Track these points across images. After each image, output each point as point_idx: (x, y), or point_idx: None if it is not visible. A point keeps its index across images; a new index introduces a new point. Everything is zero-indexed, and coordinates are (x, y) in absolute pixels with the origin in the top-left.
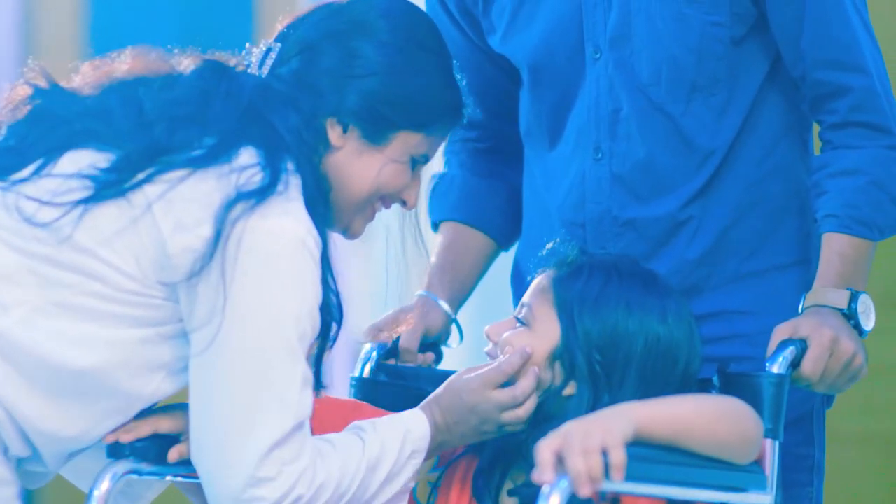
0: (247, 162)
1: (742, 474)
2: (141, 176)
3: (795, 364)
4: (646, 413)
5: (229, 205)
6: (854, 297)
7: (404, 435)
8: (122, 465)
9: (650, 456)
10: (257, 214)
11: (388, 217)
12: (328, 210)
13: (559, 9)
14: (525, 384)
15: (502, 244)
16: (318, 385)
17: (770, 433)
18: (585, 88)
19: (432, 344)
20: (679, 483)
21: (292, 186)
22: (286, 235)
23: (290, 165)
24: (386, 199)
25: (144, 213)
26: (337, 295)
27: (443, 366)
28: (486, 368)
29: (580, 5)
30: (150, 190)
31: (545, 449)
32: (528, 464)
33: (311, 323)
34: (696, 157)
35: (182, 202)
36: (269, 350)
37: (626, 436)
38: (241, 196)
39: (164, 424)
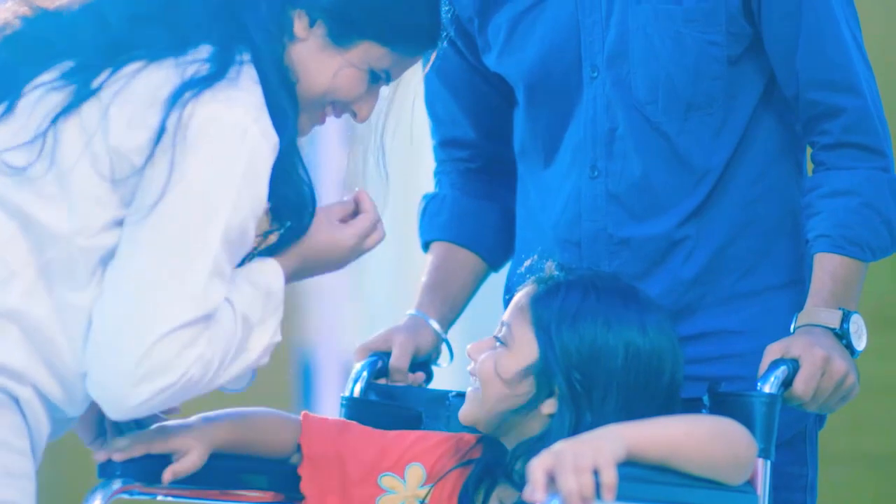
0: (201, 55)
1: (734, 494)
2: (103, 76)
3: (787, 384)
4: (637, 433)
5: (176, 94)
6: (846, 317)
7: (259, 279)
8: (114, 484)
9: (642, 476)
10: (202, 100)
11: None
12: (295, 100)
13: (556, 27)
14: (367, 206)
15: (493, 264)
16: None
17: (762, 453)
18: (582, 107)
19: (423, 363)
20: (670, 503)
21: (245, 76)
22: (228, 122)
23: (245, 56)
24: (337, 106)
25: (99, 124)
26: (309, 185)
27: (433, 385)
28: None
29: (578, 24)
30: (105, 93)
31: (537, 468)
32: (514, 482)
33: (249, 213)
34: (691, 176)
35: (133, 100)
36: (193, 232)
37: (618, 456)
38: (187, 85)
39: (156, 446)
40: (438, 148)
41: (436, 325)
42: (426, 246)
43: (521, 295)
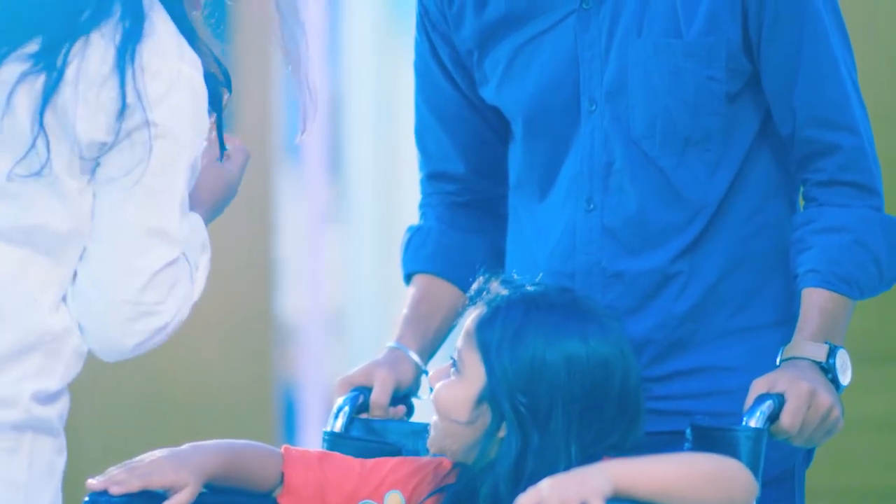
0: (115, 16)
1: None
2: (62, 55)
3: (773, 418)
4: (626, 471)
5: (119, 66)
6: (832, 352)
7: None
8: None
9: None
10: (140, 63)
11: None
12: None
13: (555, 61)
14: (236, 142)
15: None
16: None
17: None
18: (579, 140)
19: (403, 396)
20: None
21: (155, 15)
22: (169, 72)
23: None
24: None
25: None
26: (217, 61)
27: (415, 418)
28: None
29: (577, 58)
30: (69, 73)
31: None
32: None
33: (199, 148)
34: (687, 211)
35: (87, 82)
36: (166, 177)
37: (605, 491)
38: (121, 52)
39: (154, 481)
40: (426, 181)
41: (416, 358)
42: (408, 278)
43: (469, 319)
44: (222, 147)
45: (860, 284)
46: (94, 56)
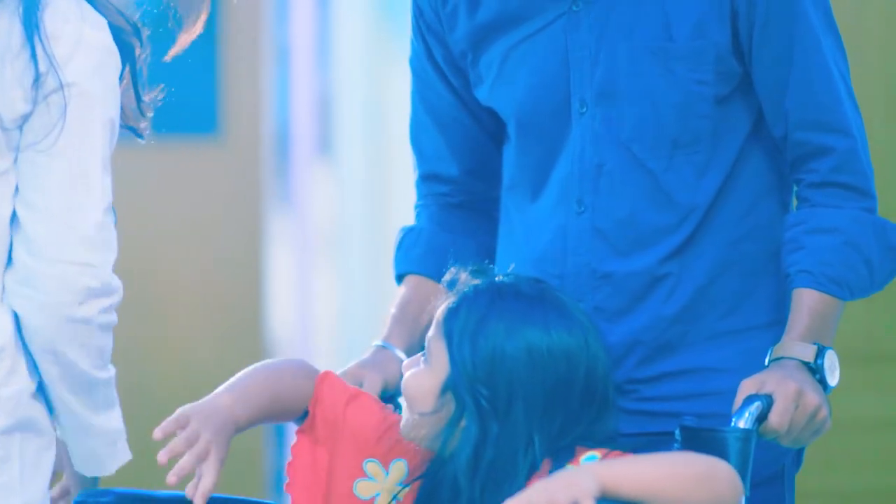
0: None
1: None
2: None
3: (761, 419)
4: (612, 472)
5: (27, 35)
6: (821, 352)
7: None
8: None
9: None
10: (46, 29)
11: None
12: None
13: (546, 62)
14: None
15: None
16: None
17: None
18: (570, 142)
19: (390, 396)
20: None
21: None
22: (72, 34)
23: None
24: None
25: None
26: (122, 15)
27: None
28: None
29: (567, 59)
30: None
31: None
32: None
33: (118, 104)
34: (676, 213)
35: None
36: (89, 134)
37: (592, 492)
38: (27, 21)
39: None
40: (420, 181)
41: (403, 357)
42: (399, 278)
43: (440, 308)
44: (139, 100)
45: (851, 286)
46: (0, 32)
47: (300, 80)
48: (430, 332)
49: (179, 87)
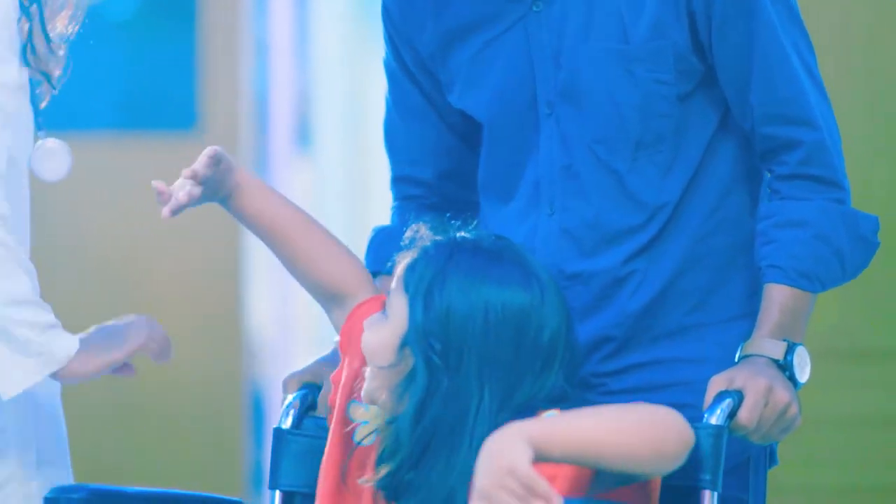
0: None
1: None
2: None
3: (732, 415)
4: (540, 429)
5: None
6: (791, 349)
7: None
8: None
9: None
10: None
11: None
12: None
13: (511, 64)
14: None
15: None
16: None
17: (709, 484)
18: (539, 144)
19: None
20: None
21: None
22: None
23: None
24: None
25: None
26: None
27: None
28: None
29: (531, 61)
30: None
31: None
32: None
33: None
34: (643, 214)
35: None
36: None
37: (530, 457)
38: None
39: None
40: (394, 183)
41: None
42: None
43: (401, 264)
44: (47, 38)
45: (822, 278)
46: None
47: (279, 74)
48: (391, 286)
49: (158, 82)
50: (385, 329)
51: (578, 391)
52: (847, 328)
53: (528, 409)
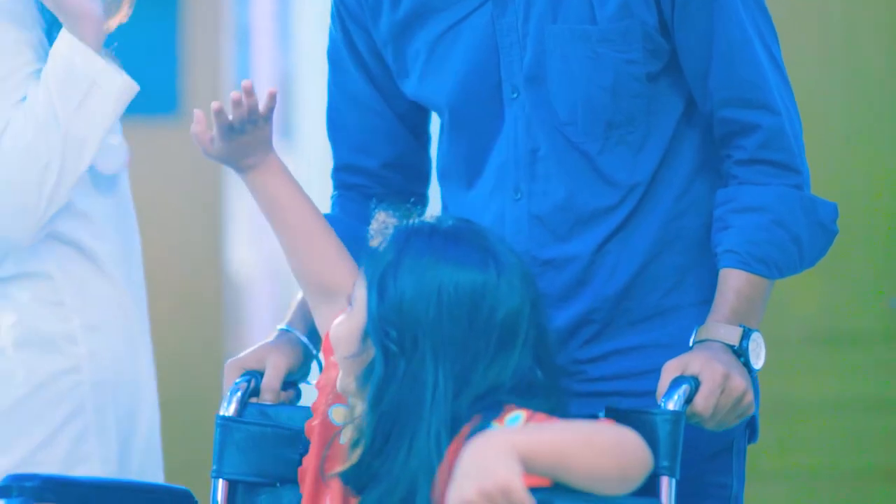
0: None
1: None
2: None
3: (689, 401)
4: (528, 440)
5: None
6: (746, 335)
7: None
8: None
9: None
10: None
11: None
12: None
13: (475, 49)
14: None
15: None
16: None
17: (667, 471)
18: (504, 128)
19: (292, 381)
20: None
21: None
22: None
23: None
24: None
25: None
26: None
27: (302, 402)
28: None
29: (496, 45)
30: None
31: None
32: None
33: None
34: (615, 194)
35: None
36: None
37: (521, 475)
38: None
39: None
40: (336, 172)
41: (306, 341)
42: None
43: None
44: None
45: (779, 264)
46: None
47: (260, 60)
48: (357, 277)
49: (139, 67)
50: (349, 319)
51: (556, 381)
52: (829, 313)
53: (492, 402)
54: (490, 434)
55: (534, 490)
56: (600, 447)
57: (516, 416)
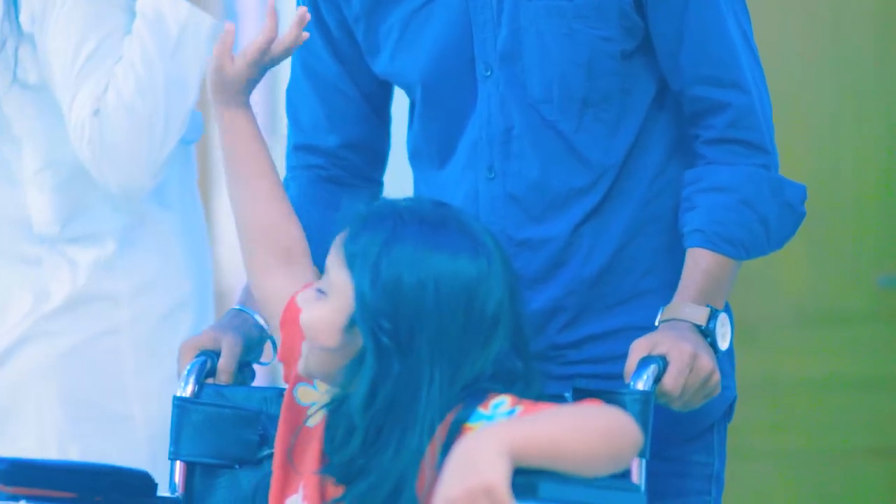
0: None
1: (621, 494)
2: None
3: (657, 381)
4: (520, 433)
5: None
6: (713, 315)
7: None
8: None
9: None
10: None
11: None
12: None
13: (448, 26)
14: None
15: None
16: None
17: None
18: (477, 107)
19: (247, 363)
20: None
21: None
22: None
23: None
24: None
25: None
26: None
27: (256, 383)
28: None
29: (469, 22)
30: None
31: None
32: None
33: None
34: (589, 174)
35: None
36: None
37: (508, 475)
38: None
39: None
40: (293, 152)
41: (261, 321)
42: None
43: (339, 236)
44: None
45: (746, 245)
46: None
47: (247, 40)
48: (330, 261)
49: None
50: (328, 308)
51: (536, 365)
52: (817, 293)
53: (476, 390)
54: (483, 431)
55: (518, 472)
56: (593, 433)
57: (501, 402)
